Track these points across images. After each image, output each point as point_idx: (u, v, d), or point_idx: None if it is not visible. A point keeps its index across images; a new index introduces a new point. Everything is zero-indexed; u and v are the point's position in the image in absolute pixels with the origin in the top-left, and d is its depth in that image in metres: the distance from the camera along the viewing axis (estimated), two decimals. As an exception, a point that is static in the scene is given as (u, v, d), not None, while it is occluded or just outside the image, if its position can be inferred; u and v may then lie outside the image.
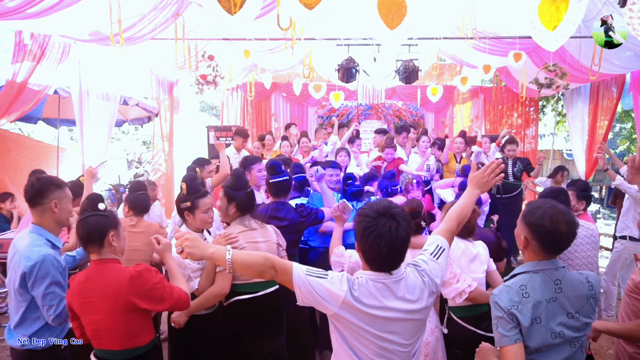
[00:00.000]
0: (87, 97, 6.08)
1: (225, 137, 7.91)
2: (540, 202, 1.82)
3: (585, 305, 1.75)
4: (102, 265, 2.03)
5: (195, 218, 2.71)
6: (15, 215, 5.95)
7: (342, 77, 5.69)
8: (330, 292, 1.58)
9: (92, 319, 2.00)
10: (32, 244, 2.21)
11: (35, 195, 2.28)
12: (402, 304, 1.63)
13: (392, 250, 1.60)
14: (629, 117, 10.50)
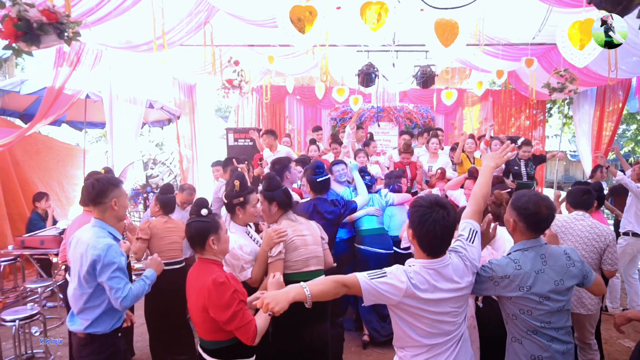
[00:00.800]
0: (116, 100, 6.36)
1: (244, 139, 8.19)
2: (525, 191, 2.19)
3: (566, 273, 2.09)
4: (202, 264, 2.28)
5: (246, 212, 2.94)
6: (49, 213, 6.23)
7: (362, 82, 5.97)
8: (393, 286, 1.83)
9: (190, 307, 2.29)
10: (97, 235, 2.42)
11: (97, 196, 2.47)
12: (451, 284, 1.90)
13: (445, 234, 1.87)
14: (634, 119, 10.78)
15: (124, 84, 6.47)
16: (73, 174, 8.05)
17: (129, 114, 6.60)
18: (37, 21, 2.30)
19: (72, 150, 8.25)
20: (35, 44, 2.39)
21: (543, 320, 2.06)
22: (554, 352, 2.07)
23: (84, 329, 2.42)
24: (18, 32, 2.27)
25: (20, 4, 2.27)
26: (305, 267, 2.78)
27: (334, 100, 9.18)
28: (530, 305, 2.05)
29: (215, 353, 2.23)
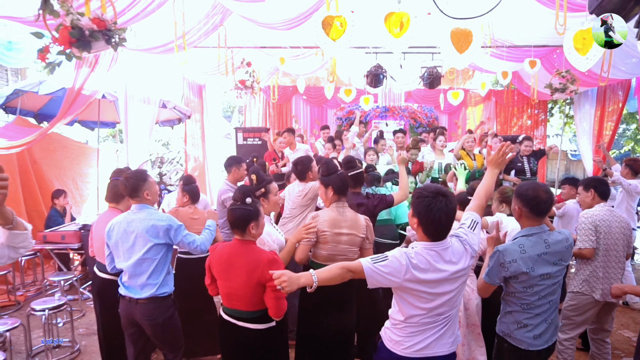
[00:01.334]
0: (131, 100, 6.55)
1: (252, 139, 8.39)
2: (525, 182, 2.62)
3: (565, 254, 2.46)
4: (244, 245, 2.52)
5: (270, 202, 3.15)
6: (67, 210, 6.42)
7: (371, 83, 6.17)
8: (394, 268, 2.03)
9: (228, 284, 2.51)
10: (152, 212, 2.92)
11: (132, 192, 2.91)
12: (449, 266, 2.09)
13: (448, 220, 2.08)
14: (634, 119, 10.98)
15: (139, 85, 6.66)
16: (86, 172, 8.24)
17: (143, 113, 6.79)
18: (88, 29, 2.51)
19: (85, 149, 8.44)
20: (87, 49, 2.60)
21: (540, 295, 2.42)
22: (540, 321, 2.45)
23: (155, 292, 2.88)
24: (72, 39, 2.48)
25: (73, 13, 2.48)
26: (329, 261, 2.89)
27: (340, 100, 9.38)
28: (532, 282, 2.38)
29: (254, 320, 2.51)
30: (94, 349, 4.51)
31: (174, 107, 7.49)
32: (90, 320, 5.25)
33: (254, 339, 2.51)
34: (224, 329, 2.61)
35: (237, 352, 2.56)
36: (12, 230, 1.81)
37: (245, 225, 2.50)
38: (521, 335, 2.46)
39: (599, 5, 2.38)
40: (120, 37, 2.74)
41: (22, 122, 6.42)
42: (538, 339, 2.46)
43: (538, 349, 2.48)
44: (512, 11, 5.19)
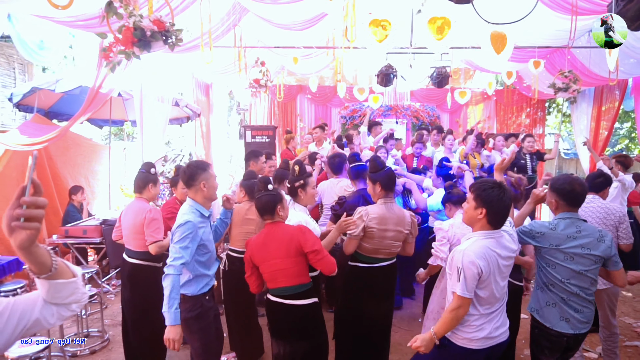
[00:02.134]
0: (146, 99, 6.69)
1: (261, 136, 8.56)
2: (560, 176, 2.76)
3: (595, 245, 2.56)
4: (275, 226, 2.79)
5: (307, 193, 3.38)
6: (84, 206, 6.55)
7: (382, 82, 6.38)
8: (473, 274, 2.20)
9: (271, 263, 2.72)
10: (186, 211, 2.84)
11: (188, 179, 2.85)
12: (505, 251, 2.35)
13: (510, 207, 2.36)
14: (629, 117, 11.33)
15: (153, 83, 6.79)
16: (97, 170, 8.37)
17: (157, 111, 6.93)
18: (150, 30, 2.68)
19: (96, 147, 8.57)
20: (147, 49, 2.76)
21: (564, 277, 2.57)
22: (568, 308, 2.59)
23: (182, 288, 2.84)
24: (134, 39, 2.64)
25: (135, 15, 2.64)
26: (374, 254, 3.14)
27: (352, 98, 9.55)
28: (555, 261, 2.58)
29: (298, 295, 2.72)
30: (120, 339, 4.66)
31: (186, 106, 7.63)
32: (113, 312, 5.41)
33: (300, 315, 2.72)
34: (271, 310, 2.81)
35: (286, 330, 2.76)
36: (53, 280, 1.25)
37: (273, 208, 2.76)
38: (548, 314, 2.64)
39: (620, 12, 2.61)
40: (177, 38, 2.91)
41: (39, 120, 6.53)
42: (564, 321, 2.59)
43: (565, 332, 2.59)
44: (519, 14, 5.43)
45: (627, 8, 2.54)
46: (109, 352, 4.41)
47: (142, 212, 3.55)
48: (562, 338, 2.62)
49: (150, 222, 3.51)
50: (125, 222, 3.69)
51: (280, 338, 2.80)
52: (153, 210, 3.58)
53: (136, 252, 3.65)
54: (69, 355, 4.25)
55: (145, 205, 3.62)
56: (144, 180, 3.68)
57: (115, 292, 5.99)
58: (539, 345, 2.72)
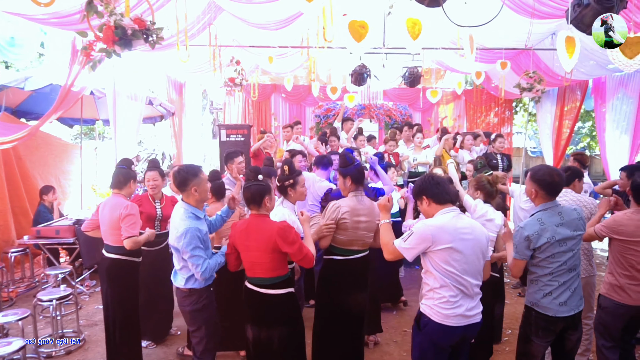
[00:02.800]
0: (119, 97, 6.62)
1: (235, 135, 8.57)
2: (539, 167, 2.92)
3: (578, 224, 2.78)
4: (259, 218, 2.86)
5: (297, 192, 3.41)
6: (55, 206, 6.43)
7: (355, 81, 6.52)
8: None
9: (250, 255, 2.82)
10: (181, 217, 2.96)
11: (180, 184, 3.00)
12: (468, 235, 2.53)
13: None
14: (590, 117, 11.86)
15: (126, 81, 6.73)
16: (68, 169, 8.21)
17: (130, 110, 6.86)
18: (131, 28, 2.70)
19: (67, 146, 8.41)
20: (128, 47, 2.79)
21: (561, 264, 2.73)
22: (564, 289, 2.75)
23: (184, 284, 3.04)
24: (115, 38, 2.66)
25: (116, 14, 2.66)
26: (349, 246, 3.24)
27: (326, 97, 9.68)
28: (554, 251, 2.71)
29: (274, 285, 2.83)
30: (97, 338, 4.64)
31: (160, 104, 7.58)
32: (88, 312, 5.35)
33: (276, 302, 2.83)
34: (249, 297, 2.92)
35: (263, 315, 2.87)
36: None
37: (261, 199, 2.83)
38: (548, 303, 2.75)
39: (576, 17, 2.81)
40: (158, 36, 2.94)
41: (7, 119, 6.37)
42: (564, 306, 2.74)
43: (564, 316, 2.76)
44: (487, 17, 5.66)
45: (582, 14, 2.73)
46: (85, 352, 4.38)
47: (119, 208, 3.56)
48: (559, 321, 2.78)
49: (125, 217, 3.53)
50: (103, 218, 3.69)
51: (257, 324, 2.89)
52: (130, 206, 3.59)
53: (114, 247, 3.66)
54: (43, 356, 4.20)
55: (123, 201, 3.63)
56: (126, 177, 3.72)
57: (90, 293, 5.92)
58: (536, 326, 2.84)
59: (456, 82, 9.33)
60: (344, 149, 5.13)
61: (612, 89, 7.42)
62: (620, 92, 7.30)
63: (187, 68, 7.91)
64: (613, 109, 7.44)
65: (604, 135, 7.69)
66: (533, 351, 2.88)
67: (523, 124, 12.51)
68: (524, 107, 11.54)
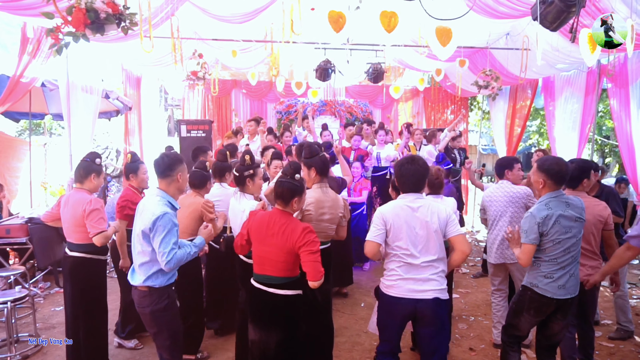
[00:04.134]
0: (73, 90, 6.30)
1: (196, 131, 8.39)
2: (545, 157, 3.07)
3: (581, 212, 2.95)
4: (283, 215, 2.73)
5: (255, 184, 3.40)
6: (4, 204, 6.05)
7: (320, 77, 6.54)
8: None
9: (263, 249, 2.71)
10: (158, 202, 2.74)
11: (166, 169, 2.81)
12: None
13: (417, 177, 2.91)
14: (538, 115, 12.51)
15: (81, 73, 6.42)
16: (15, 166, 7.74)
17: (85, 103, 6.55)
18: (104, 12, 2.56)
19: (14, 142, 7.93)
20: (100, 32, 2.64)
21: (564, 248, 2.88)
22: (563, 273, 2.90)
23: (143, 282, 2.79)
24: (87, 21, 2.51)
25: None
26: None
27: (280, 94, 9.65)
28: (559, 237, 2.86)
29: (283, 286, 2.72)
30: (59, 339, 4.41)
31: (117, 98, 7.29)
32: (44, 315, 5.08)
33: (281, 304, 2.71)
34: (254, 295, 2.80)
35: (264, 317, 2.75)
36: None
37: (290, 198, 2.72)
38: (546, 285, 2.91)
39: (541, 14, 2.96)
40: (131, 22, 2.81)
41: (-54, 112, 5.90)
42: (562, 289, 2.91)
43: (562, 298, 2.92)
44: (447, 16, 5.86)
45: (547, 11, 2.89)
46: (44, 356, 4.16)
47: (82, 204, 3.37)
48: (552, 304, 2.95)
49: (90, 213, 3.34)
50: (65, 215, 3.50)
51: (257, 324, 2.77)
52: (93, 201, 3.39)
53: (78, 245, 3.47)
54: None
55: (86, 196, 3.42)
56: (87, 170, 3.47)
57: (44, 295, 5.62)
58: (529, 305, 3.01)
59: (415, 80, 9.60)
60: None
61: (560, 87, 7.86)
62: (567, 90, 7.74)
63: (145, 60, 7.65)
64: (561, 106, 7.89)
65: (554, 133, 8.14)
66: (521, 325, 3.10)
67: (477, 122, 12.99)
68: (477, 106, 11.99)
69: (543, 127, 13.29)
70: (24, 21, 5.19)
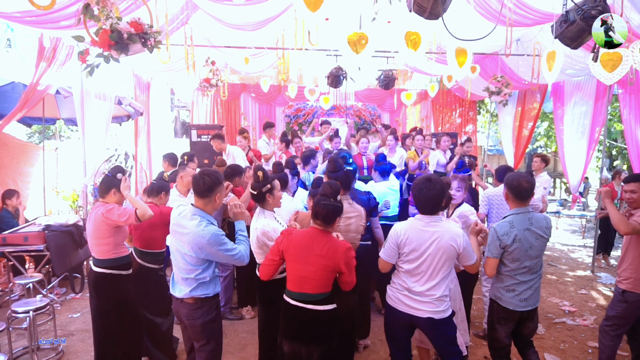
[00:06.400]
0: (87, 96, 6.35)
1: (207, 135, 8.44)
2: (512, 173, 3.18)
3: (545, 230, 3.03)
4: (324, 234, 2.78)
5: (275, 197, 3.36)
6: (20, 211, 6.10)
7: (332, 83, 6.58)
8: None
9: (304, 268, 2.73)
10: (199, 224, 2.70)
11: (206, 190, 2.75)
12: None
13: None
14: (546, 118, 12.53)
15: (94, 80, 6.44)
16: (26, 171, 7.79)
17: (99, 109, 6.61)
18: (127, 32, 2.60)
19: (26, 147, 7.97)
20: (125, 52, 2.68)
21: (526, 266, 2.98)
22: (525, 288, 3.03)
23: (189, 293, 2.78)
24: (111, 42, 2.56)
25: (112, 17, 2.56)
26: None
27: (289, 98, 9.69)
28: (520, 255, 2.95)
29: (321, 302, 2.77)
30: (76, 349, 4.49)
31: (130, 104, 7.34)
32: (62, 322, 5.14)
33: (321, 319, 2.76)
34: (291, 313, 2.81)
35: (303, 333, 2.78)
36: None
37: (334, 219, 2.78)
38: (509, 299, 3.06)
39: (562, 33, 3.00)
40: (156, 40, 2.86)
41: (-37, 119, 5.96)
42: (524, 302, 3.04)
43: (524, 310, 3.06)
44: (458, 23, 5.88)
45: (568, 30, 2.92)
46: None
47: (99, 215, 3.39)
48: (516, 314, 3.09)
49: (108, 214, 3.35)
50: (89, 229, 3.54)
51: (295, 339, 2.80)
52: (107, 206, 3.42)
53: (99, 261, 3.51)
54: (20, 370, 4.02)
55: (100, 208, 3.43)
56: (107, 185, 3.52)
57: (61, 301, 5.68)
58: (498, 316, 3.17)
59: (423, 83, 9.63)
60: (338, 152, 5.13)
61: (570, 92, 7.88)
62: (577, 95, 7.76)
63: (157, 66, 7.70)
64: (570, 110, 7.90)
65: (562, 136, 8.15)
66: (498, 336, 3.22)
67: (484, 123, 13.00)
68: (485, 108, 12.02)
69: (551, 130, 13.30)
70: (42, 32, 5.25)
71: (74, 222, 5.90)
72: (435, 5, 2.69)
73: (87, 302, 5.60)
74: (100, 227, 3.43)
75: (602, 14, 2.63)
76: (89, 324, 4.98)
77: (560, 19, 3.00)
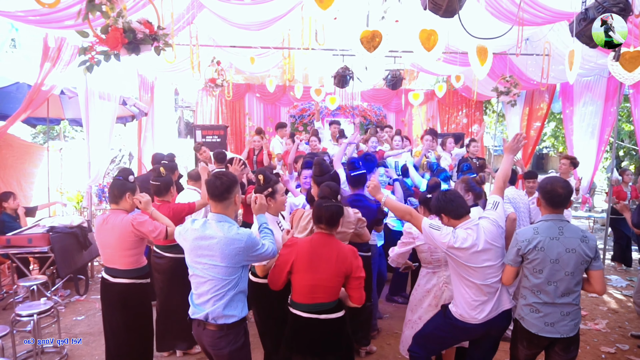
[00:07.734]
0: (91, 97, 6.30)
1: (212, 136, 8.39)
2: (548, 177, 2.88)
3: (579, 245, 2.55)
4: (329, 239, 2.65)
5: (277, 201, 3.22)
6: (21, 213, 6.03)
7: (338, 84, 6.50)
8: (439, 240, 2.64)
9: (315, 277, 2.57)
10: (229, 229, 2.49)
11: (224, 192, 2.53)
12: (486, 244, 2.65)
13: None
14: (554, 118, 12.42)
15: (99, 80, 6.41)
16: (30, 172, 7.74)
17: (103, 110, 6.55)
18: (142, 32, 2.54)
19: (30, 147, 7.93)
20: (136, 52, 2.62)
21: (548, 279, 2.54)
22: (548, 308, 2.59)
23: (223, 311, 2.49)
24: (124, 41, 2.49)
25: (125, 16, 2.49)
26: None
27: (294, 98, 9.63)
28: (542, 266, 2.55)
29: (333, 310, 2.66)
30: (80, 353, 4.42)
31: (134, 105, 7.28)
32: (66, 325, 5.08)
33: (334, 327, 2.65)
34: (302, 325, 2.65)
35: (320, 344, 2.65)
36: None
37: (338, 220, 2.65)
38: (533, 319, 2.62)
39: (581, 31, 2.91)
40: (165, 43, 2.79)
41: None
42: (550, 326, 2.57)
43: (551, 336, 2.58)
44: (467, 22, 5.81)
45: (587, 28, 2.84)
46: (70, 367, 4.16)
47: (126, 226, 3.17)
48: (543, 339, 2.63)
49: (139, 227, 3.16)
50: (105, 240, 3.27)
51: (311, 353, 2.66)
52: (135, 216, 3.20)
53: (125, 272, 3.29)
54: (24, 374, 3.96)
55: (125, 217, 3.22)
56: (121, 189, 3.27)
57: (65, 303, 5.62)
58: (521, 337, 2.75)
59: (429, 83, 9.54)
60: (363, 154, 5.03)
61: (579, 92, 7.78)
62: (586, 95, 7.66)
63: (161, 66, 7.65)
64: (579, 111, 7.80)
65: (572, 137, 8.05)
66: (519, 356, 2.81)
67: (490, 124, 12.91)
68: (491, 108, 11.92)
69: (558, 131, 13.18)
70: (47, 32, 5.19)
71: (78, 223, 5.84)
72: (451, 3, 2.60)
73: (91, 304, 5.57)
74: (128, 238, 3.22)
75: (624, 11, 2.54)
76: (94, 326, 4.97)
77: (579, 16, 2.91)
